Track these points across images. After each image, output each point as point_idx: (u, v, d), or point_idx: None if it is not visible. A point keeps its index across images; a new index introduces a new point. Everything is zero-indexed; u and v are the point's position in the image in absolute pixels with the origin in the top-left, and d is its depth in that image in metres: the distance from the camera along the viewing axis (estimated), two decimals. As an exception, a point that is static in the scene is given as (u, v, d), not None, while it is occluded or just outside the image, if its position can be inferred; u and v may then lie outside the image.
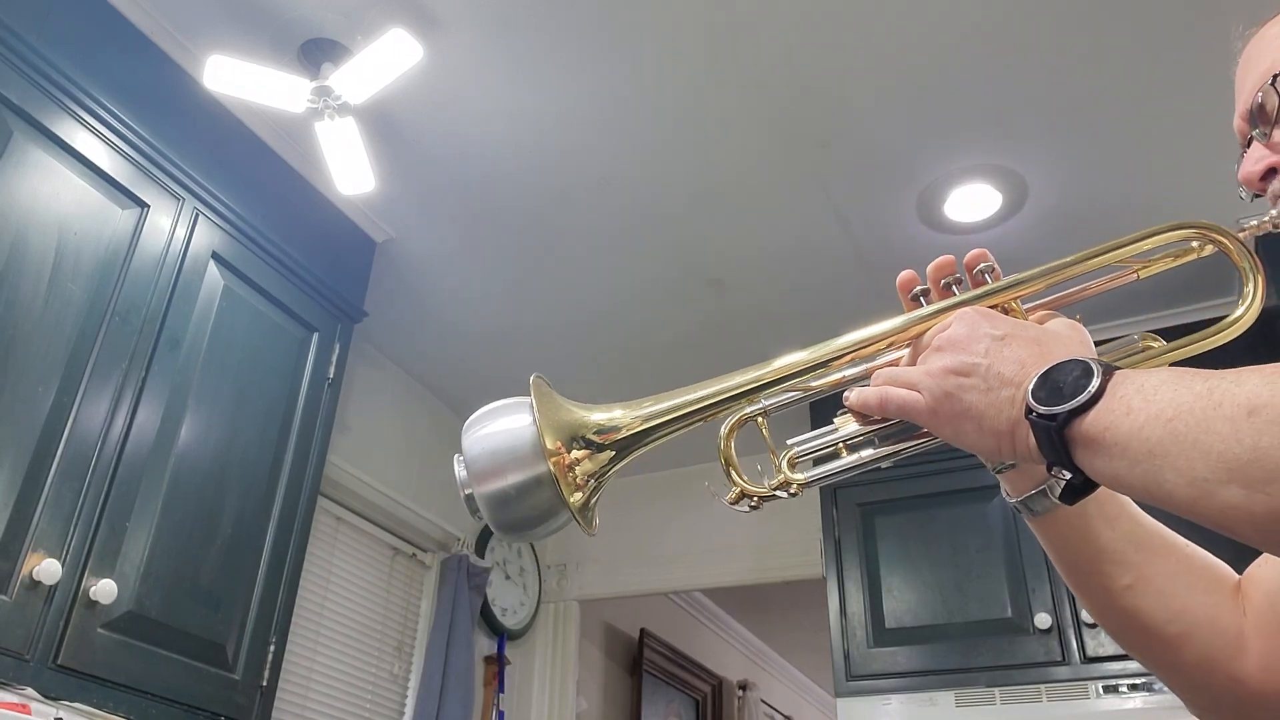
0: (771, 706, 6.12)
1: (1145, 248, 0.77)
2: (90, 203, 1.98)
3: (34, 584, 1.69)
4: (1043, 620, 2.63)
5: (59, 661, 1.72)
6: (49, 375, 1.81)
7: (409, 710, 3.22)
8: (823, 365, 0.77)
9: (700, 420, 0.76)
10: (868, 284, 2.97)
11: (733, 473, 0.76)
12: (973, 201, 2.65)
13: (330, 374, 2.52)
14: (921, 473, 2.94)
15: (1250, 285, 0.75)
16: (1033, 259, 2.84)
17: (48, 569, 1.70)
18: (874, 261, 2.89)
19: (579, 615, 4.07)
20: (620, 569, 4.03)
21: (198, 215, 2.22)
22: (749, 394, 0.76)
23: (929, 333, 0.74)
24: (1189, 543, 0.83)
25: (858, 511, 3.05)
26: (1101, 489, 0.72)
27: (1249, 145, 0.79)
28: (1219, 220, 0.79)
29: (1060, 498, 0.66)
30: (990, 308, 0.76)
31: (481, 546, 3.68)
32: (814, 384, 0.77)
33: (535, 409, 0.74)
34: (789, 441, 0.78)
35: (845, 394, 0.77)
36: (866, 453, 0.76)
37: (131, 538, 1.90)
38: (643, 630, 4.82)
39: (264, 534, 2.21)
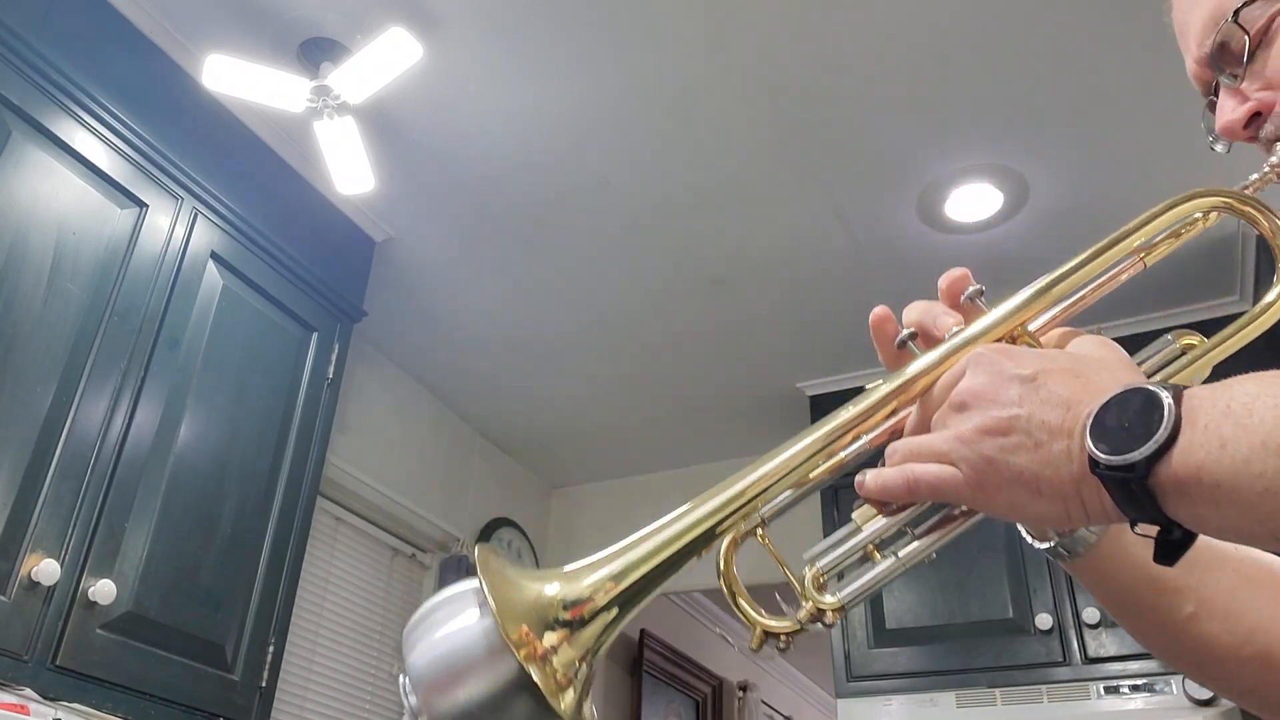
0: (772, 707, 6.12)
1: (1147, 236, 0.68)
2: (89, 202, 1.97)
3: (32, 584, 1.69)
4: (1044, 621, 2.63)
5: (57, 662, 1.72)
6: (48, 375, 1.80)
7: (409, 711, 3.22)
8: (819, 453, 0.63)
9: (694, 556, 0.61)
10: (868, 284, 2.97)
11: (746, 607, 0.61)
12: (973, 201, 2.64)
13: (330, 374, 2.52)
14: (922, 473, 2.94)
15: None
16: (1034, 259, 2.86)
17: (46, 569, 1.70)
18: (874, 261, 2.89)
19: (579, 615, 4.06)
20: (620, 569, 4.02)
21: (197, 215, 2.21)
22: (739, 512, 0.62)
23: (938, 385, 0.62)
24: (1237, 545, 0.71)
25: (858, 512, 3.04)
26: None
27: (1215, 93, 0.72)
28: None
29: (1156, 559, 0.54)
30: (996, 341, 0.63)
31: (481, 547, 3.67)
32: (812, 475, 0.64)
33: (487, 594, 0.55)
34: (807, 555, 0.64)
35: (858, 480, 0.62)
36: (904, 551, 0.62)
37: (130, 538, 1.89)
38: (643, 631, 4.82)
39: (263, 534, 2.21)
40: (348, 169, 2.34)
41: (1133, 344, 0.67)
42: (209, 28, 2.22)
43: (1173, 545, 0.53)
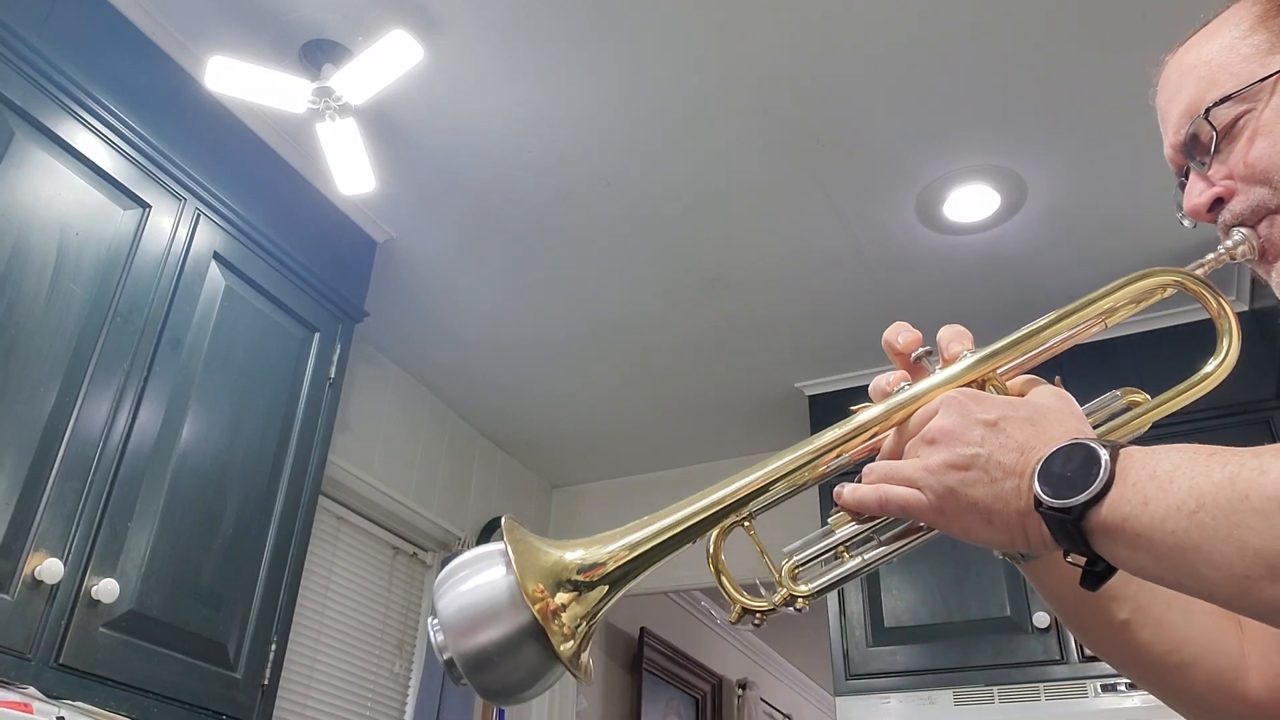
0: (771, 705, 6.13)
1: (1109, 304, 0.76)
2: (92, 203, 1.98)
3: (36, 583, 1.70)
4: (1041, 619, 2.64)
5: (61, 661, 1.73)
6: (51, 375, 1.81)
7: (410, 709, 3.23)
8: (808, 464, 0.73)
9: (690, 541, 0.72)
10: (868, 284, 2.98)
11: (729, 586, 0.72)
12: (971, 202, 2.65)
13: (331, 374, 2.53)
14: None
15: (1226, 338, 0.75)
16: (1032, 259, 2.87)
17: (49, 568, 1.71)
18: (874, 261, 2.90)
19: (579, 614, 4.07)
20: (620, 568, 4.04)
21: (199, 216, 2.22)
22: (735, 507, 0.72)
23: (914, 418, 0.72)
24: None
25: (857, 511, 3.05)
26: None
27: (1186, 175, 0.79)
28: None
29: (1082, 584, 0.64)
30: (967, 384, 0.73)
31: (482, 546, 3.69)
32: (799, 481, 0.74)
33: (510, 555, 0.67)
34: (786, 549, 0.74)
35: (836, 491, 0.72)
36: (870, 554, 0.73)
37: (133, 537, 1.90)
38: (642, 629, 4.83)
39: (265, 533, 2.22)
40: (349, 170, 2.34)
41: (1131, 344, 0.71)
42: (211, 29, 2.23)
43: (1096, 575, 0.64)
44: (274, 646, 2.17)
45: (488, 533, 3.75)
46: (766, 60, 2.28)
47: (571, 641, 0.66)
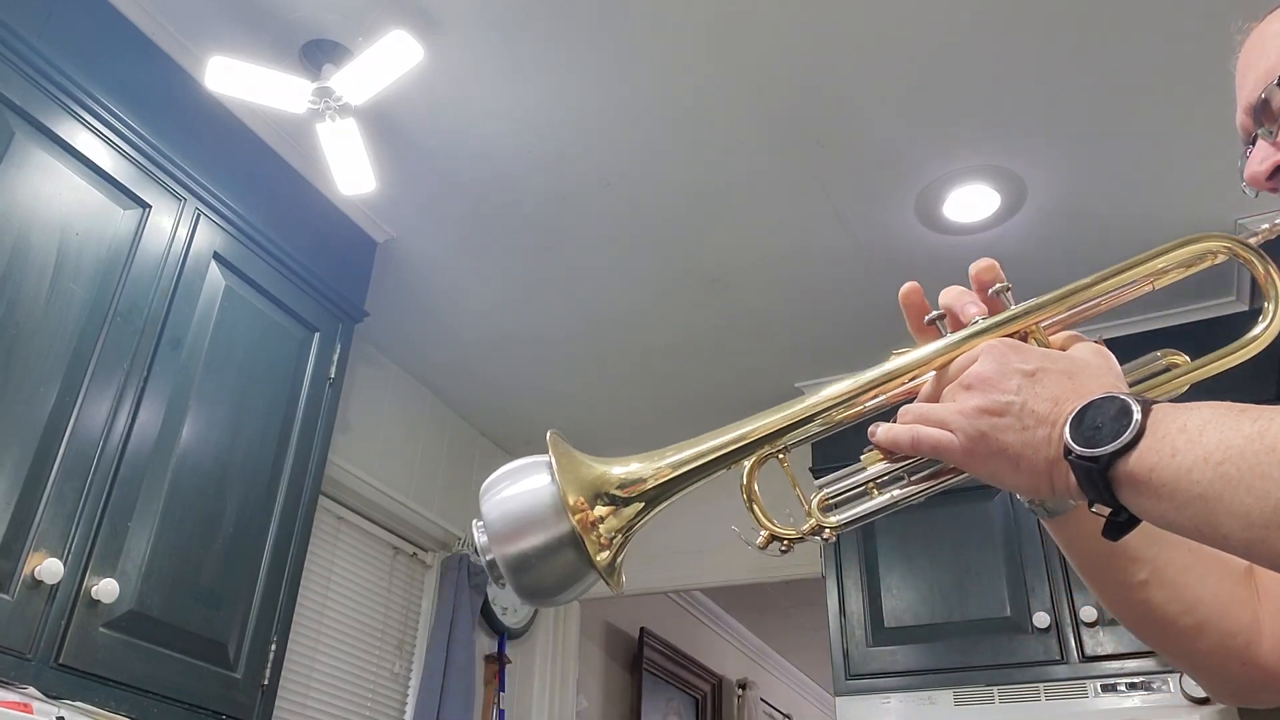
0: (771, 705, 6.13)
1: (1162, 265, 0.76)
2: (92, 203, 1.98)
3: (36, 583, 1.70)
4: (1041, 619, 2.64)
5: (61, 660, 1.73)
6: (51, 375, 1.81)
7: (410, 709, 3.23)
8: (847, 402, 0.74)
9: (725, 467, 0.74)
10: (868, 284, 2.98)
11: (759, 515, 0.74)
12: (971, 202, 2.65)
13: (331, 374, 2.53)
14: (921, 472, 2.94)
15: (1272, 304, 0.75)
16: (1031, 260, 2.88)
17: (49, 568, 1.71)
18: (873, 262, 2.90)
19: (579, 614, 4.07)
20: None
21: (199, 216, 2.22)
22: (772, 438, 0.74)
23: (954, 364, 0.73)
24: None
25: (857, 511, 3.05)
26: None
27: (1253, 142, 0.79)
28: (1217, 223, 0.80)
29: (1104, 534, 0.65)
30: (1010, 334, 0.74)
31: (482, 546, 3.68)
32: (836, 418, 0.75)
33: (554, 467, 0.71)
34: (817, 483, 0.76)
35: (871, 429, 0.74)
36: (898, 492, 0.74)
37: (133, 537, 1.90)
38: (643, 629, 4.83)
39: (265, 533, 2.22)
40: (349, 170, 2.35)
41: (1128, 344, 0.71)
42: (211, 29, 2.23)
43: (1119, 525, 0.64)
44: (274, 646, 2.17)
45: (488, 533, 3.75)
46: (768, 59, 2.28)
47: (607, 551, 0.69)
